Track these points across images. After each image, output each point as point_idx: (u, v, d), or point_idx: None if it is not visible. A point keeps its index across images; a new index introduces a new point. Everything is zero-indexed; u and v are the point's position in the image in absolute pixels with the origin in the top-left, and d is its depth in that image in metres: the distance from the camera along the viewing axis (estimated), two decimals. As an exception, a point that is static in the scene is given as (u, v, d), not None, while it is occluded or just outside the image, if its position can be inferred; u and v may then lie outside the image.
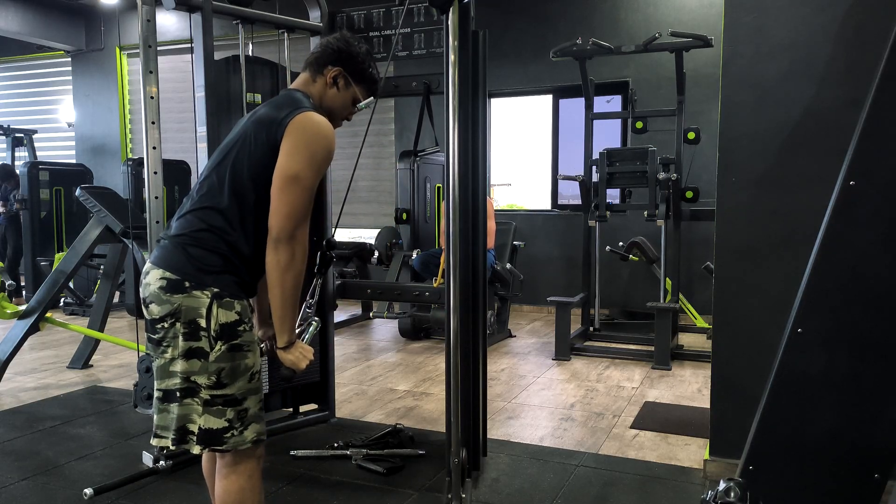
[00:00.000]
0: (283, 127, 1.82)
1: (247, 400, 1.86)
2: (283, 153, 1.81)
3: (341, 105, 2.04)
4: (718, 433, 3.00)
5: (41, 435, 3.59)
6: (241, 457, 1.88)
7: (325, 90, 2.01)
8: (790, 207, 2.79)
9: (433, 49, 3.60)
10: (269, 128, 1.83)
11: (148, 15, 2.99)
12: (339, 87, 2.02)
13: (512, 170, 8.26)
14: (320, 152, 1.83)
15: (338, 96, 2.02)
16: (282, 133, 1.82)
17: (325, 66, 2.01)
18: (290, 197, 1.79)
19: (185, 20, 3.84)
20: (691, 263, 6.44)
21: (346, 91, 2.03)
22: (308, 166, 1.81)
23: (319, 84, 2.01)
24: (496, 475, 3.07)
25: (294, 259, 1.81)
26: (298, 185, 1.80)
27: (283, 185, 1.80)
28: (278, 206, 1.80)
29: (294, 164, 1.80)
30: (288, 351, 1.89)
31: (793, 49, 2.76)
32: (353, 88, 2.04)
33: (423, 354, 5.44)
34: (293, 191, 1.79)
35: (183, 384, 1.81)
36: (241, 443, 1.85)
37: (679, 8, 6.76)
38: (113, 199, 4.82)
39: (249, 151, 1.84)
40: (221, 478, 1.91)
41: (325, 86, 2.01)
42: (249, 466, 1.89)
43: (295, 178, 1.80)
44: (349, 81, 2.03)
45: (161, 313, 1.81)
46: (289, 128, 1.82)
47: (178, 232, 1.86)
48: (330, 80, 2.01)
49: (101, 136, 9.77)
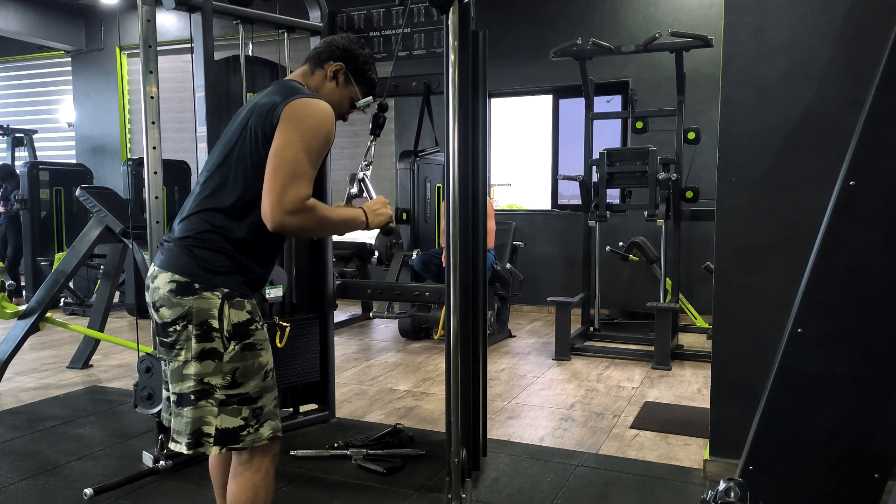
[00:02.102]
0: (277, 114, 1.80)
1: (262, 398, 1.86)
2: (276, 138, 1.79)
3: (338, 101, 2.03)
4: (718, 433, 3.00)
5: (41, 435, 3.59)
6: (257, 454, 1.88)
7: (322, 83, 2.01)
8: (790, 207, 2.79)
9: (433, 49, 3.59)
10: (265, 117, 1.82)
11: (148, 15, 2.99)
12: (338, 82, 2.02)
13: (512, 170, 8.26)
14: (313, 132, 1.80)
15: (336, 91, 2.02)
16: (276, 119, 1.79)
17: (326, 61, 2.01)
18: (279, 179, 1.75)
19: (185, 20, 3.84)
20: (691, 263, 6.44)
21: (344, 88, 2.03)
22: (298, 149, 1.77)
23: (318, 77, 2.01)
24: (496, 475, 3.07)
25: (305, 227, 1.84)
26: (287, 168, 1.76)
27: (272, 169, 1.76)
28: (266, 189, 1.76)
29: (284, 149, 1.77)
30: (370, 222, 1.99)
31: (793, 49, 2.76)
32: (353, 87, 2.04)
33: (423, 354, 5.44)
34: (281, 174, 1.75)
35: (197, 386, 1.80)
36: (257, 440, 1.85)
37: (679, 8, 6.76)
38: (113, 199, 4.82)
39: (250, 147, 1.83)
40: (236, 475, 1.90)
41: (323, 79, 2.01)
42: (265, 465, 1.90)
43: (285, 161, 1.76)
44: (349, 79, 2.03)
45: (172, 316, 1.80)
46: (283, 113, 1.80)
47: (182, 234, 1.85)
48: (330, 74, 2.01)
49: (101, 136, 9.77)
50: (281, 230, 1.81)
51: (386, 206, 2.04)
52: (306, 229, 1.89)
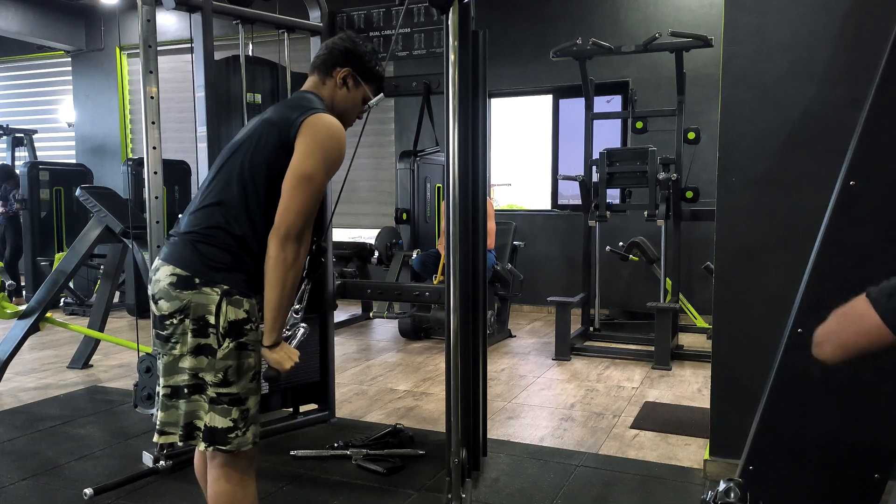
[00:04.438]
0: (297, 127, 1.83)
1: (249, 400, 1.87)
2: (298, 152, 1.82)
3: (352, 105, 2.06)
4: (718, 433, 3.00)
5: (41, 435, 3.59)
6: (237, 458, 1.88)
7: (335, 91, 2.02)
8: (790, 207, 2.79)
9: (433, 49, 3.59)
10: (282, 128, 1.85)
11: (148, 15, 2.99)
12: (348, 87, 2.03)
13: (512, 170, 8.26)
14: (333, 154, 1.85)
15: (348, 97, 2.04)
16: (294, 133, 1.83)
17: (333, 68, 2.02)
18: (303, 196, 1.81)
19: (185, 20, 3.84)
20: (691, 263, 6.44)
21: (356, 91, 2.04)
22: (321, 167, 1.83)
23: (329, 86, 2.02)
24: (496, 475, 3.07)
25: (298, 258, 1.82)
26: (311, 184, 1.82)
27: (296, 184, 1.81)
28: (290, 204, 1.80)
29: (309, 164, 1.81)
30: (274, 350, 1.88)
31: (793, 49, 2.76)
32: (363, 87, 2.05)
33: (423, 354, 5.44)
34: (306, 189, 1.81)
35: (191, 380, 1.82)
36: (243, 444, 1.85)
37: (679, 8, 6.76)
38: (113, 199, 4.82)
39: (260, 151, 1.85)
40: (214, 480, 1.90)
41: (335, 87, 2.02)
42: (241, 466, 1.89)
43: (309, 177, 1.81)
44: (358, 81, 2.04)
45: (170, 309, 1.81)
46: (302, 128, 1.83)
47: (187, 229, 1.87)
48: (340, 81, 2.02)
49: (101, 136, 9.76)
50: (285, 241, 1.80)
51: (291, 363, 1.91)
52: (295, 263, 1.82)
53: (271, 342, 1.87)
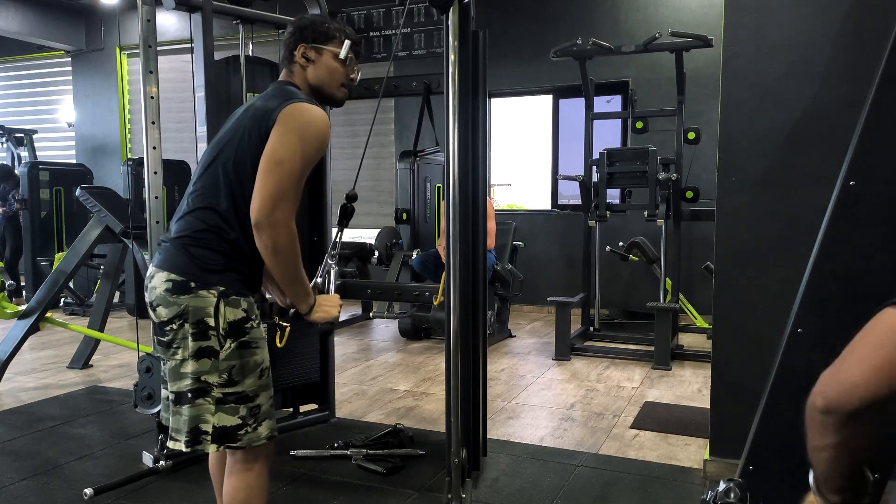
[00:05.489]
0: (274, 117, 1.82)
1: (259, 396, 1.87)
2: (271, 140, 1.80)
3: (326, 74, 2.00)
4: (718, 433, 3.00)
5: (41, 435, 3.59)
6: (254, 454, 1.89)
7: (303, 72, 1.99)
8: (790, 207, 2.79)
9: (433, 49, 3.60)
10: (262, 120, 1.83)
11: (148, 15, 2.99)
12: (311, 59, 1.98)
13: (512, 170, 8.26)
14: (310, 140, 1.82)
15: (317, 69, 1.99)
16: (272, 123, 1.81)
17: (292, 54, 2.00)
18: (272, 179, 1.77)
19: (185, 20, 3.84)
20: (691, 263, 6.44)
21: (320, 59, 1.99)
22: (295, 152, 1.79)
23: (297, 70, 2.00)
24: (496, 475, 3.07)
25: (278, 243, 1.79)
26: (281, 167, 1.78)
27: (265, 168, 1.79)
28: (259, 188, 1.78)
29: (280, 149, 1.79)
30: (314, 311, 1.94)
31: (793, 49, 2.76)
32: (326, 50, 1.99)
33: (423, 354, 5.44)
34: (275, 173, 1.78)
35: (194, 385, 1.81)
36: (255, 439, 1.86)
37: (679, 8, 6.76)
38: (113, 199, 4.81)
39: (244, 147, 1.84)
40: (231, 475, 1.91)
41: (301, 68, 1.99)
42: (259, 464, 1.91)
43: (279, 161, 1.78)
44: (318, 49, 1.99)
45: (169, 315, 1.81)
46: (279, 117, 1.81)
47: (178, 234, 1.86)
48: (302, 60, 1.98)
49: (101, 136, 9.77)
50: (258, 228, 1.78)
51: (336, 307, 1.99)
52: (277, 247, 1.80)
53: (305, 309, 1.93)
